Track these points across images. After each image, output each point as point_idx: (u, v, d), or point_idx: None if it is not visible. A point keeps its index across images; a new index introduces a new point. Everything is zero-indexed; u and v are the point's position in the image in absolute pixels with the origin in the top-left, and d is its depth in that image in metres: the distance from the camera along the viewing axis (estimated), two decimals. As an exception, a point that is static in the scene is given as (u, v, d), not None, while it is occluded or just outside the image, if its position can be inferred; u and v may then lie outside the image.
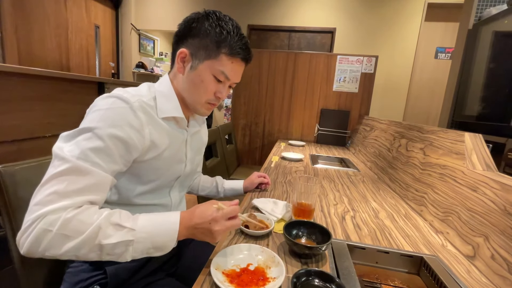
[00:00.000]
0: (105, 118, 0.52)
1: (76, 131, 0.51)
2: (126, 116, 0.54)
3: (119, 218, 0.49)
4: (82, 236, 0.45)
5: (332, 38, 3.63)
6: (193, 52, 0.62)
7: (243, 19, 3.79)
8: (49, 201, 0.45)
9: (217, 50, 0.61)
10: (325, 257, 0.60)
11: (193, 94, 0.64)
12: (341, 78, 2.33)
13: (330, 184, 1.17)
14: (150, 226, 0.50)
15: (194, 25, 0.62)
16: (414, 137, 1.19)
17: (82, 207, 0.48)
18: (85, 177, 0.48)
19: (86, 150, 0.49)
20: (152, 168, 0.62)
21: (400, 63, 3.52)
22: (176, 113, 0.64)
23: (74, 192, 0.47)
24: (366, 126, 2.00)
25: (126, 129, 0.53)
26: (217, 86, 0.64)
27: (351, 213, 0.87)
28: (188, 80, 0.64)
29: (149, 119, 0.58)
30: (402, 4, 3.43)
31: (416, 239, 0.73)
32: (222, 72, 0.62)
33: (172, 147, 0.65)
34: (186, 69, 0.63)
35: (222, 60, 0.61)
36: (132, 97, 0.56)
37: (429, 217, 0.85)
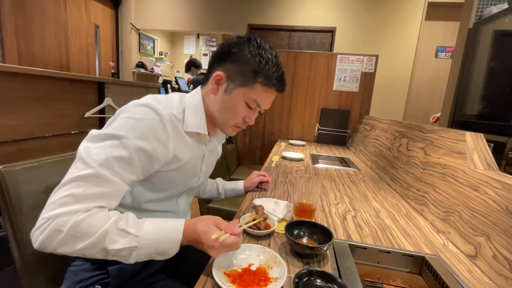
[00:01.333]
0: (135, 129, 0.53)
1: (105, 135, 0.52)
2: (156, 129, 0.55)
3: (125, 223, 0.50)
4: (90, 239, 0.47)
5: (332, 37, 3.62)
6: (229, 76, 0.63)
7: (243, 19, 3.79)
8: (64, 203, 0.47)
9: (254, 78, 0.61)
10: (326, 257, 0.59)
11: (223, 116, 0.66)
12: (342, 77, 2.32)
13: (331, 184, 1.17)
14: (154, 234, 0.51)
15: (235, 50, 0.62)
16: (415, 137, 1.19)
17: (92, 211, 0.49)
18: (103, 185, 0.50)
19: (111, 158, 0.50)
20: (168, 178, 0.64)
21: (400, 62, 3.52)
22: (200, 129, 0.65)
23: (89, 197, 0.49)
24: (367, 126, 2.00)
25: (153, 142, 0.55)
26: (247, 112, 0.66)
27: (352, 212, 0.87)
28: (221, 103, 0.64)
29: (176, 132, 0.60)
30: (403, 3, 3.43)
31: (417, 238, 0.73)
32: (255, 100, 0.63)
33: (191, 161, 0.66)
34: (220, 91, 0.64)
35: (257, 89, 0.62)
36: (164, 109, 0.57)
37: (430, 216, 0.85)
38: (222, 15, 3.85)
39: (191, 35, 5.42)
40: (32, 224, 0.50)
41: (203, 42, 5.42)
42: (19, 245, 0.61)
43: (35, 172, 0.65)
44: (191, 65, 3.41)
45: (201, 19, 3.93)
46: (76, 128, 1.88)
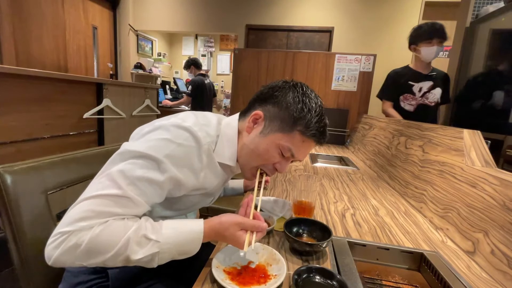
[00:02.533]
0: (174, 155, 0.52)
1: (142, 154, 0.50)
2: (192, 158, 0.55)
3: (145, 229, 0.48)
4: (111, 252, 0.45)
5: (330, 37, 3.63)
6: (268, 118, 0.60)
7: (241, 19, 3.79)
8: (83, 218, 0.45)
9: (293, 125, 0.58)
10: (325, 254, 0.60)
11: (252, 158, 0.62)
12: (340, 77, 2.33)
13: (330, 183, 1.17)
14: (175, 237, 0.49)
15: (278, 93, 0.60)
16: (413, 135, 1.19)
17: (109, 221, 0.47)
18: (128, 206, 0.49)
19: (143, 179, 0.49)
20: (187, 201, 0.63)
21: (398, 61, 3.51)
22: (230, 162, 0.63)
23: (111, 214, 0.47)
24: (365, 125, 2.00)
25: (186, 171, 0.54)
26: (279, 159, 0.62)
27: (351, 210, 0.87)
28: (254, 143, 0.61)
29: (209, 162, 0.59)
30: (400, 3, 3.45)
31: (416, 235, 0.73)
32: (290, 149, 0.59)
33: (215, 188, 0.66)
34: (255, 131, 0.62)
35: (295, 137, 0.59)
36: (205, 137, 0.56)
37: (428, 213, 0.86)
38: (220, 16, 3.86)
39: (190, 36, 5.43)
40: (30, 225, 0.50)
41: (201, 43, 5.43)
42: (18, 246, 0.61)
43: (33, 172, 0.65)
44: (192, 64, 3.40)
45: (199, 20, 3.93)
46: (75, 129, 1.87)
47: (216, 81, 5.33)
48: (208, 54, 5.39)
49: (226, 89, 5.40)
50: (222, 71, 5.42)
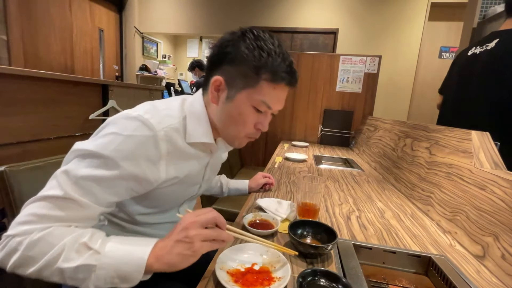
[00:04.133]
0: (122, 149, 0.46)
1: (88, 153, 0.46)
2: (146, 148, 0.49)
3: (89, 238, 0.43)
4: (44, 258, 0.41)
5: (335, 38, 3.62)
6: (229, 80, 0.55)
7: (246, 21, 3.81)
8: (26, 222, 0.43)
9: (257, 76, 0.53)
10: (330, 257, 0.59)
11: (230, 127, 0.58)
12: (344, 78, 2.32)
13: (335, 185, 1.16)
14: (117, 251, 0.43)
15: (229, 49, 0.54)
16: (419, 136, 1.18)
17: (52, 227, 0.43)
18: (70, 208, 0.45)
19: (87, 178, 0.45)
20: (163, 195, 0.58)
21: (403, 63, 3.51)
22: (205, 139, 0.58)
23: (55, 218, 0.44)
24: (370, 126, 1.98)
25: (142, 164, 0.48)
26: (257, 117, 0.57)
27: (357, 213, 0.86)
28: (224, 113, 0.56)
29: (172, 148, 0.53)
30: (405, 4, 3.42)
31: (423, 239, 0.71)
32: (263, 102, 0.54)
33: (192, 172, 0.61)
34: (221, 99, 0.56)
35: (263, 88, 0.53)
36: (159, 123, 0.50)
37: (436, 216, 0.84)
38: (225, 18, 3.88)
39: (194, 38, 5.46)
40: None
41: (205, 45, 5.46)
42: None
43: (39, 172, 0.65)
44: (196, 65, 3.42)
45: (204, 22, 3.96)
46: (81, 130, 1.89)
47: (220, 83, 5.35)
48: (213, 56, 5.42)
49: (230, 91, 5.42)
50: (226, 73, 5.44)
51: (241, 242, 0.62)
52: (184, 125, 0.56)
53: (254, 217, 0.72)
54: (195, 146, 0.59)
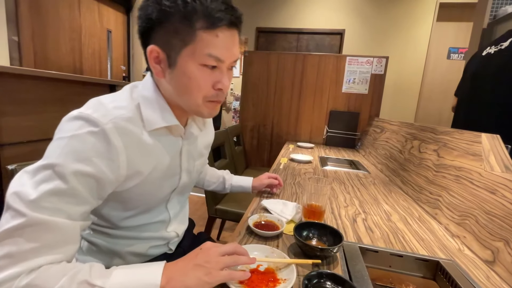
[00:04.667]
0: (68, 151, 0.41)
1: (36, 167, 0.41)
2: (95, 145, 0.43)
3: (88, 274, 0.39)
4: None
5: (341, 39, 3.60)
6: (164, 45, 0.48)
7: (252, 22, 3.82)
8: (5, 266, 0.36)
9: (191, 28, 0.45)
10: (336, 260, 0.58)
11: (185, 97, 0.51)
12: (351, 79, 2.30)
13: (340, 186, 1.15)
14: (125, 281, 0.40)
15: (150, 10, 0.46)
16: (427, 139, 1.16)
17: (41, 269, 0.38)
18: (45, 232, 0.38)
19: (46, 195, 0.39)
20: (136, 194, 0.53)
21: (411, 64, 3.46)
22: (166, 122, 0.53)
23: (32, 252, 0.37)
24: (377, 128, 1.96)
25: (95, 162, 0.43)
26: (212, 76, 0.50)
27: (363, 215, 0.85)
28: (173, 83, 0.50)
29: (129, 140, 0.47)
30: (413, 5, 3.38)
31: (431, 242, 0.70)
32: (209, 55, 0.47)
33: (161, 165, 0.55)
34: (165, 70, 0.50)
35: (203, 39, 0.46)
36: (104, 116, 0.44)
37: (444, 220, 0.82)
38: (231, 19, 3.89)
39: (200, 39, 5.50)
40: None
41: (212, 46, 5.48)
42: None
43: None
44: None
45: (210, 23, 3.98)
46: (88, 130, 1.92)
47: (225, 84, 5.36)
48: (218, 57, 5.43)
49: (236, 92, 5.43)
50: (232, 73, 5.45)
51: (246, 243, 0.62)
52: (139, 114, 0.50)
53: (259, 218, 0.72)
54: (159, 134, 0.53)
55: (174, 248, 0.71)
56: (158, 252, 0.67)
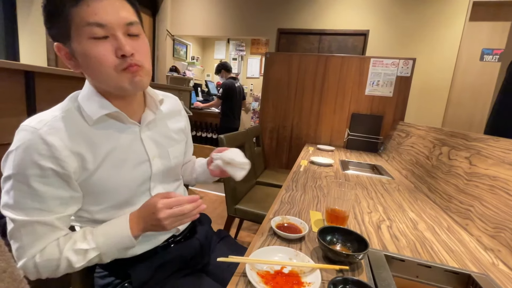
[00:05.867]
0: (19, 161, 0.48)
1: (3, 178, 0.50)
2: (37, 148, 0.48)
3: (80, 242, 0.53)
4: (60, 269, 0.52)
5: (365, 40, 3.51)
6: (61, 39, 0.51)
7: (273, 23, 3.82)
8: (20, 256, 0.50)
9: (65, 12, 0.47)
10: (361, 266, 0.57)
11: (98, 75, 0.52)
12: (375, 81, 2.24)
13: (363, 191, 1.12)
14: (107, 241, 0.54)
15: (43, 14, 0.50)
16: (458, 145, 1.11)
17: (45, 249, 0.51)
18: (35, 228, 0.50)
19: (19, 200, 0.49)
20: (103, 182, 0.55)
21: (439, 66, 3.30)
22: (105, 110, 0.55)
23: (32, 242, 0.50)
24: (401, 132, 1.90)
25: (45, 163, 0.48)
26: (106, 45, 0.49)
27: (387, 222, 0.83)
28: (84, 69, 0.53)
29: (68, 137, 0.51)
30: (444, 4, 3.23)
31: (461, 254, 0.67)
32: (88, 23, 0.47)
33: (117, 153, 0.57)
34: (76, 62, 0.52)
35: (77, 15, 0.47)
36: (39, 122, 0.50)
37: (476, 232, 0.78)
38: (253, 21, 3.92)
39: (222, 40, 5.58)
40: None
41: (233, 47, 5.55)
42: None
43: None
44: (222, 68, 3.49)
45: (232, 25, 4.03)
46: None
47: (245, 84, 5.41)
48: (239, 58, 5.49)
49: (255, 92, 5.46)
50: (252, 74, 5.49)
51: (269, 245, 0.62)
52: (79, 112, 0.55)
53: (282, 220, 0.72)
54: (106, 124, 0.56)
55: (181, 227, 0.72)
56: (166, 237, 0.70)
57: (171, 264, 0.68)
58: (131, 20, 0.51)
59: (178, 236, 0.73)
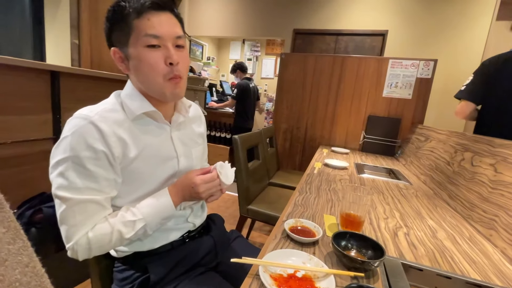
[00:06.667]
0: (74, 144, 0.53)
1: (60, 160, 0.54)
2: (91, 134, 0.54)
3: (127, 215, 0.58)
4: (111, 243, 0.57)
5: (383, 41, 3.42)
6: (119, 45, 0.60)
7: (289, 24, 3.80)
8: (73, 234, 0.54)
9: (128, 22, 0.57)
10: (376, 274, 0.56)
11: (147, 80, 0.60)
12: (393, 83, 2.18)
13: (379, 196, 1.10)
14: (152, 210, 0.60)
15: (106, 23, 0.61)
16: (482, 151, 1.05)
17: (96, 226, 0.56)
18: (87, 207, 0.55)
19: (74, 180, 0.53)
20: (137, 172, 0.61)
21: (462, 68, 3.17)
22: (145, 108, 0.62)
23: (86, 219, 0.55)
24: (420, 136, 1.83)
25: (97, 148, 0.55)
26: (160, 54, 0.58)
27: (404, 229, 0.81)
28: (135, 72, 0.61)
29: (117, 126, 0.58)
30: (468, 2, 3.09)
31: (484, 266, 0.64)
32: (146, 34, 0.56)
33: (150, 147, 0.63)
34: (128, 65, 0.61)
35: (139, 25, 0.57)
36: (91, 111, 0.57)
37: (500, 243, 0.75)
38: (268, 21, 3.92)
39: (237, 40, 5.62)
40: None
41: (248, 47, 5.57)
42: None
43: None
44: (238, 68, 3.51)
45: (248, 25, 4.05)
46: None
47: (260, 85, 5.41)
48: (254, 58, 5.51)
49: (270, 93, 5.45)
50: (266, 75, 5.49)
51: (282, 248, 0.62)
52: (122, 108, 0.62)
53: (295, 223, 0.72)
54: (143, 122, 0.64)
55: (197, 223, 0.76)
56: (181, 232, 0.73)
57: (186, 261, 0.70)
58: (179, 34, 0.61)
59: (192, 232, 0.76)
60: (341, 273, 0.53)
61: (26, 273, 0.24)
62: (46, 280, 0.26)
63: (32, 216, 1.17)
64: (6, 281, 0.22)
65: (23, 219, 1.15)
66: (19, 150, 1.36)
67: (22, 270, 0.24)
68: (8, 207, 0.25)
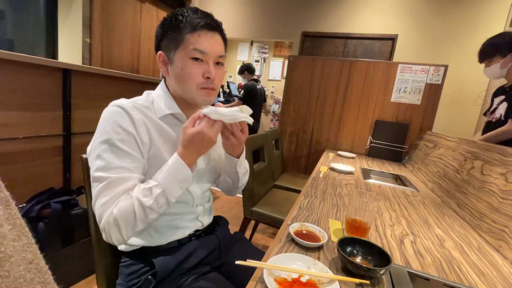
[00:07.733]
0: (110, 128, 0.59)
1: (97, 145, 0.59)
2: (123, 119, 0.61)
3: (144, 184, 0.59)
4: (136, 216, 0.57)
5: (392, 45, 3.39)
6: (166, 50, 0.66)
7: (298, 26, 3.80)
8: (102, 213, 0.57)
9: (181, 34, 0.63)
10: (382, 282, 0.55)
11: (182, 85, 0.66)
12: (402, 88, 2.15)
13: (385, 203, 1.08)
14: (165, 175, 0.59)
15: (157, 30, 0.68)
16: (493, 160, 1.03)
17: (119, 203, 0.58)
18: (120, 185, 0.58)
19: (110, 160, 0.58)
20: (157, 165, 0.64)
21: (473, 74, 3.11)
22: (171, 110, 0.68)
23: (116, 197, 0.57)
24: (429, 142, 1.81)
25: (128, 130, 0.60)
26: (200, 67, 0.64)
27: (411, 237, 0.79)
28: (173, 76, 0.67)
29: (145, 117, 0.64)
30: (481, 8, 3.04)
31: (493, 278, 0.63)
32: (194, 48, 0.63)
33: (174, 144, 0.68)
34: (169, 68, 0.67)
35: (189, 39, 0.63)
36: (126, 101, 0.63)
37: (510, 255, 0.73)
38: (277, 23, 3.92)
39: (245, 42, 5.64)
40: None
41: (256, 49, 5.59)
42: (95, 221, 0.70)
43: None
44: (245, 69, 3.52)
45: (256, 27, 4.06)
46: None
47: (266, 87, 5.42)
48: (262, 60, 5.52)
49: (276, 95, 5.45)
50: (273, 77, 5.49)
51: (287, 252, 0.62)
52: (152, 106, 0.68)
53: (300, 227, 0.71)
54: (169, 121, 0.69)
55: (205, 222, 0.79)
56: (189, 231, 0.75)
57: (192, 258, 0.71)
58: (222, 53, 0.68)
59: (199, 231, 0.78)
60: (346, 280, 0.52)
61: (30, 269, 0.24)
62: (49, 277, 0.26)
63: (40, 210, 1.19)
64: (11, 277, 0.22)
65: (32, 213, 1.17)
66: (30, 145, 1.39)
67: (26, 267, 0.24)
68: (13, 204, 0.25)
